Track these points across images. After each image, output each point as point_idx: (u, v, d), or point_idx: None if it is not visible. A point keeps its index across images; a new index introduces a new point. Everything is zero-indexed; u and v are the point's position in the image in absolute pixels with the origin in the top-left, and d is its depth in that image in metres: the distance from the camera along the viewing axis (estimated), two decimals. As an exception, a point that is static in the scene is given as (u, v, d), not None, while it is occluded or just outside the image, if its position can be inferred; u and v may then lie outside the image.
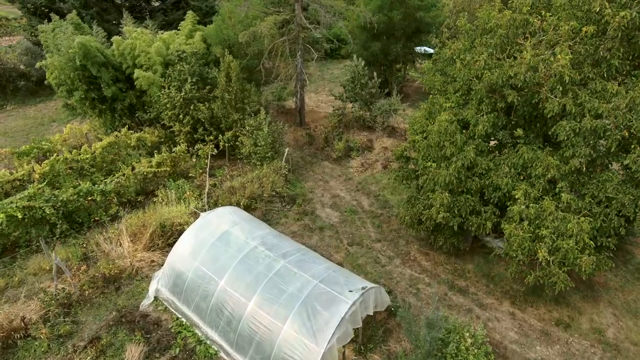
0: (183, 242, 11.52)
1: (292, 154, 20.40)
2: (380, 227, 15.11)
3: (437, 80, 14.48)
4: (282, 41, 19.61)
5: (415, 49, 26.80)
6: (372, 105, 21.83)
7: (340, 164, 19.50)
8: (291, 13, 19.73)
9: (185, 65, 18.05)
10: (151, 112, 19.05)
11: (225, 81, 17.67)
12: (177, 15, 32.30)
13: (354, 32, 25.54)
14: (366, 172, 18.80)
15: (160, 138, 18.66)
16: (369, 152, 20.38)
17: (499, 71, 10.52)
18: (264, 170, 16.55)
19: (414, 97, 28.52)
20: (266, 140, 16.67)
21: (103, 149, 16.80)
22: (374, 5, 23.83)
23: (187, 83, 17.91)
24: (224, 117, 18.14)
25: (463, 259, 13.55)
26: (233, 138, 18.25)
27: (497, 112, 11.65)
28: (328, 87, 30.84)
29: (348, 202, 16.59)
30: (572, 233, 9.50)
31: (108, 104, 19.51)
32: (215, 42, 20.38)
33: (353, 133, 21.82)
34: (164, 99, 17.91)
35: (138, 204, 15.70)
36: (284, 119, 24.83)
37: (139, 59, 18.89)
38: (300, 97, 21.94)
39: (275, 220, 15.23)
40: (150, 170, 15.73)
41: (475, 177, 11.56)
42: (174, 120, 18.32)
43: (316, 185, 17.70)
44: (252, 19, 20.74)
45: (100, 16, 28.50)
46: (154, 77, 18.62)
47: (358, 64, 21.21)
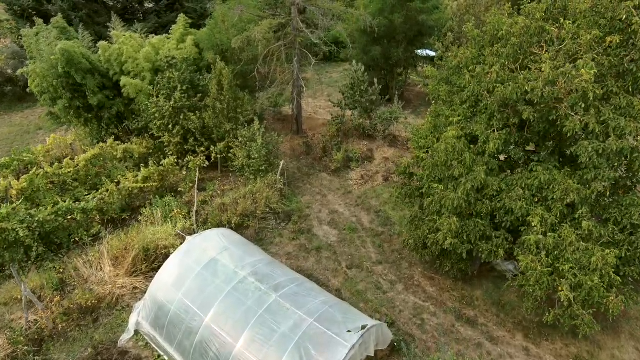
0: (166, 270, 10.53)
1: (288, 165, 19.42)
2: (382, 247, 14.13)
3: (443, 89, 13.50)
4: (278, 46, 18.61)
5: (417, 52, 25.82)
6: (373, 113, 20.85)
7: (339, 176, 18.51)
8: (287, 17, 18.74)
9: (174, 72, 17.04)
10: (139, 121, 18.04)
11: (217, 89, 16.67)
12: (171, 17, 31.24)
13: (353, 35, 24.55)
14: (366, 184, 17.81)
15: (148, 149, 17.66)
16: (369, 162, 19.39)
17: (513, 85, 9.53)
18: (258, 184, 15.55)
19: (416, 103, 27.54)
20: (260, 153, 15.68)
21: (87, 162, 15.81)
22: (374, 8, 22.85)
23: (177, 91, 16.91)
24: (215, 128, 17.14)
25: (471, 283, 12.57)
26: (225, 149, 17.26)
27: (509, 128, 10.66)
28: (327, 91, 29.85)
29: (347, 218, 15.60)
30: (596, 267, 8.52)
31: (94, 112, 18.50)
32: (207, 47, 19.38)
33: (352, 142, 20.83)
34: (152, 108, 16.91)
35: (122, 222, 14.70)
36: (281, 127, 23.87)
37: (126, 65, 17.89)
38: (297, 105, 20.94)
39: (269, 240, 14.24)
40: (136, 186, 14.73)
41: (485, 200, 10.57)
42: (163, 130, 17.32)
43: (313, 200, 16.70)
44: (247, 23, 19.75)
45: (90, 18, 27.50)
46: (142, 85, 17.61)
47: (358, 69, 20.22)
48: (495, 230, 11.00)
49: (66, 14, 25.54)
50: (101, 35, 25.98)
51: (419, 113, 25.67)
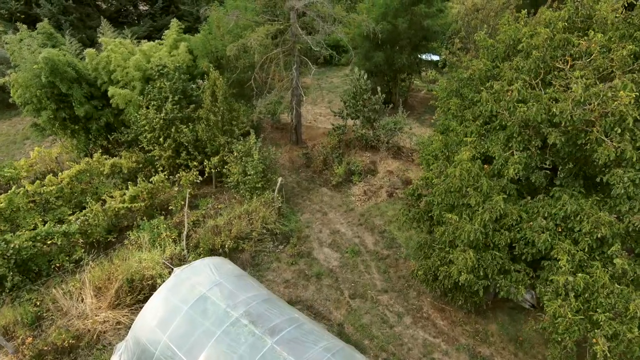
0: (151, 309, 9.50)
1: (287, 178, 18.41)
2: (387, 272, 13.11)
3: (453, 103, 12.51)
4: (276, 53, 17.58)
5: (420, 56, 24.77)
6: (376, 123, 19.82)
7: (340, 191, 17.49)
8: (286, 22, 17.71)
9: (166, 82, 16.01)
10: (129, 133, 17.01)
11: (210, 100, 15.64)
12: (166, 20, 30.19)
13: (355, 40, 23.56)
14: (369, 201, 16.79)
15: (138, 163, 16.62)
16: (372, 176, 18.37)
17: (538, 106, 8.51)
18: (254, 203, 14.53)
19: (420, 110, 26.53)
20: (256, 169, 14.66)
21: (71, 179, 14.79)
22: (376, 13, 21.83)
23: (168, 102, 15.89)
24: (209, 141, 16.12)
25: (485, 316, 11.56)
26: (220, 163, 16.24)
27: (529, 151, 9.64)
28: (327, 97, 28.84)
29: (349, 239, 14.58)
30: (635, 314, 7.51)
31: (81, 123, 17.48)
32: (201, 54, 18.35)
33: (354, 154, 19.80)
34: (141, 120, 15.89)
35: (108, 245, 13.67)
36: (279, 136, 22.86)
37: (115, 74, 16.87)
38: (296, 114, 19.93)
39: (266, 265, 13.22)
40: (123, 207, 13.70)
41: (503, 230, 9.56)
42: (154, 143, 16.30)
43: (313, 218, 15.68)
44: (243, 29, 18.73)
45: (82, 22, 26.48)
46: (131, 95, 16.59)
47: (360, 77, 19.20)
48: (513, 261, 10.01)
49: (56, 18, 24.55)
50: (93, 39, 25.00)
51: (423, 121, 24.66)
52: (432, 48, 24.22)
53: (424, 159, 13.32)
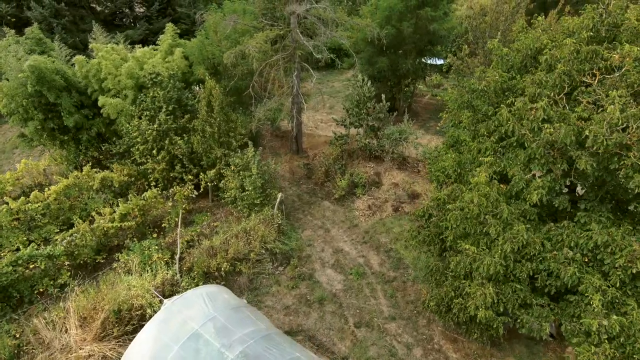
0: (138, 348, 8.67)
1: (287, 191, 17.56)
2: (394, 297, 12.27)
3: (465, 116, 11.70)
4: (276, 60, 16.72)
5: (423, 59, 23.90)
6: (380, 132, 18.97)
7: (343, 205, 16.64)
8: (286, 27, 16.86)
9: (159, 91, 15.16)
10: (120, 144, 16.16)
11: (206, 111, 14.79)
12: (163, 23, 29.28)
13: (357, 44, 22.70)
14: (374, 216, 15.94)
15: (130, 177, 15.77)
16: (377, 188, 17.52)
17: (566, 128, 7.66)
18: (252, 221, 13.68)
19: (424, 116, 25.68)
20: (255, 185, 13.81)
21: (58, 195, 13.94)
22: (380, 16, 20.96)
23: (162, 112, 15.04)
24: (205, 154, 15.27)
25: (501, 347, 10.71)
26: (217, 177, 15.39)
27: (553, 173, 8.80)
28: (328, 102, 27.99)
29: (353, 259, 13.74)
30: (679, 364, 6.68)
31: (71, 134, 16.63)
32: (197, 61, 17.50)
33: (357, 164, 18.94)
34: (133, 132, 15.04)
35: (96, 267, 12.84)
36: (279, 144, 22.01)
37: (106, 82, 16.01)
38: (297, 123, 19.08)
39: (265, 289, 12.38)
40: (112, 226, 12.85)
41: (525, 261, 8.72)
42: (147, 155, 15.46)
43: (315, 235, 14.83)
44: (241, 34, 17.89)
45: (75, 25, 25.61)
46: (123, 105, 15.74)
47: (364, 84, 18.34)
48: (534, 292, 9.18)
49: (47, 22, 23.69)
50: (86, 43, 23.96)
51: (428, 128, 23.81)
52: (435, 52, 23.41)
53: (434, 176, 12.51)
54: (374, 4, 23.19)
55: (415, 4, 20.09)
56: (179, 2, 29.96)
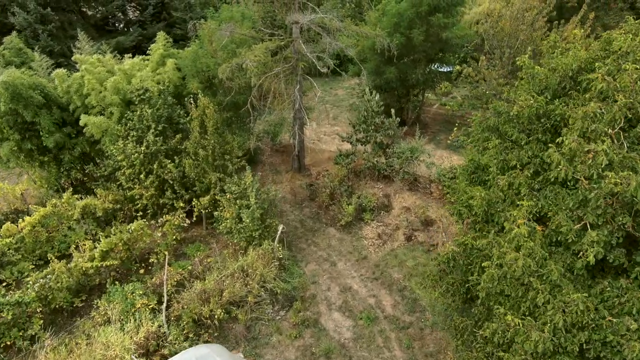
0: None
1: (289, 215, 16.11)
2: (411, 347, 10.81)
3: (494, 146, 10.27)
4: (276, 73, 15.25)
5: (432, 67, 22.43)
6: (389, 149, 17.50)
7: (350, 233, 15.18)
8: (288, 37, 15.39)
9: (147, 108, 13.69)
10: (105, 166, 14.71)
11: (199, 132, 13.32)
12: (157, 28, 27.86)
13: (363, 52, 21.21)
14: (385, 246, 14.48)
15: (116, 203, 14.31)
16: (386, 212, 16.05)
17: (637, 179, 6.19)
18: (250, 257, 12.22)
19: (434, 127, 24.22)
20: (253, 216, 12.34)
21: (34, 227, 12.49)
22: (388, 23, 19.48)
23: (150, 133, 13.57)
24: (197, 179, 13.81)
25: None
26: (211, 204, 13.94)
27: (610, 225, 7.33)
28: (332, 112, 26.55)
29: (363, 299, 12.28)
30: None
31: (52, 154, 15.18)
32: (191, 74, 16.02)
33: (365, 185, 17.48)
34: (118, 155, 13.58)
35: (74, 311, 11.38)
36: (279, 160, 20.55)
37: (89, 98, 14.55)
38: (299, 140, 17.60)
39: (264, 340, 10.91)
40: (92, 266, 11.39)
41: (577, 331, 7.26)
42: (134, 179, 14.01)
43: (320, 270, 13.37)
44: (238, 45, 16.43)
45: (63, 31, 24.12)
46: (108, 123, 14.28)
47: (372, 98, 16.87)
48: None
49: (32, 28, 22.22)
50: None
51: (439, 142, 22.35)
52: (446, 60, 21.97)
53: (455, 209, 11.10)
54: (381, 9, 21.75)
55: (426, 10, 18.62)
56: (174, 6, 28.48)
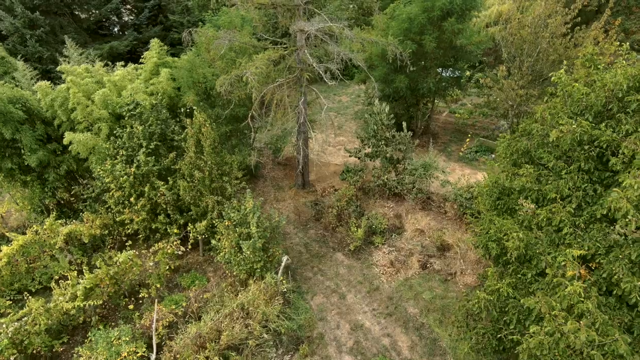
0: None
1: (293, 238, 14.90)
2: (432, 400, 9.58)
3: (527, 174, 9.14)
4: (279, 85, 14.02)
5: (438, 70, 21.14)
6: (400, 164, 16.28)
7: (359, 259, 13.95)
8: (291, 46, 14.17)
9: (138, 125, 12.47)
10: (93, 187, 13.49)
11: (194, 152, 12.09)
12: (153, 32, 26.74)
13: (371, 59, 20.00)
14: (398, 274, 13.25)
15: (104, 228, 13.08)
16: (398, 235, 14.82)
17: None
18: (251, 293, 10.99)
19: (444, 137, 22.98)
20: (255, 247, 11.11)
21: (11, 258, 11.26)
22: (397, 29, 18.25)
23: (141, 153, 12.34)
24: (193, 203, 12.59)
25: None
26: (209, 229, 12.73)
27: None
28: (337, 120, 25.30)
29: (376, 339, 11.05)
30: None
31: (35, 173, 13.96)
32: (187, 85, 14.80)
33: (374, 203, 16.26)
34: (105, 178, 12.36)
35: (55, 357, 10.15)
36: (282, 174, 19.34)
37: (75, 113, 13.33)
38: (303, 155, 16.37)
39: (267, 391, 9.70)
40: (74, 306, 10.15)
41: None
42: (123, 202, 12.78)
43: (328, 304, 12.15)
44: (239, 52, 15.23)
45: (53, 36, 22.86)
46: (95, 141, 13.05)
47: (381, 110, 15.64)
48: None
49: (20, 33, 20.98)
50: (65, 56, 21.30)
51: (450, 153, 21.11)
52: (458, 67, 20.75)
53: (482, 243, 9.94)
54: (389, 13, 20.53)
55: (438, 15, 17.40)
56: (171, 9, 27.24)
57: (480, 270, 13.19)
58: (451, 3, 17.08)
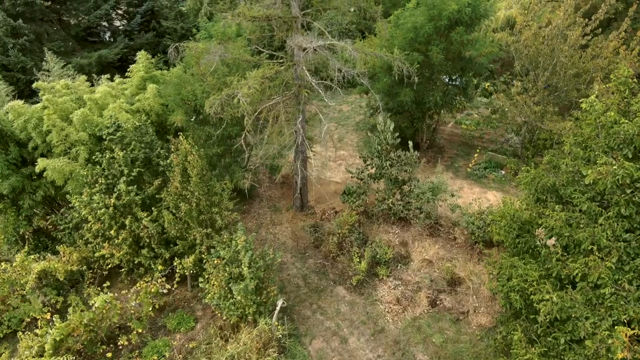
0: None
1: (289, 267, 13.75)
2: None
3: (557, 218, 8.09)
4: (274, 104, 12.86)
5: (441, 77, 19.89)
6: (407, 184, 15.11)
7: (362, 294, 12.78)
8: (288, 61, 13.00)
9: (119, 151, 11.29)
10: (72, 217, 12.32)
11: (180, 182, 10.92)
12: (146, 39, 25.57)
13: (374, 69, 18.81)
14: (405, 313, 12.08)
15: (82, 263, 11.92)
16: (405, 266, 13.66)
17: None
18: (242, 343, 9.82)
19: (450, 151, 21.77)
20: (246, 290, 9.93)
21: (-26, 302, 10.11)
22: (402, 38, 17.07)
23: (122, 181, 11.17)
24: (179, 236, 11.43)
25: None
26: (197, 263, 11.57)
27: None
28: (337, 132, 24.12)
29: (383, 393, 9.90)
30: None
31: (9, 200, 12.80)
32: (175, 104, 13.62)
33: (378, 228, 15.09)
34: (81, 210, 11.20)
35: (17, 422, 9.00)
36: (279, 193, 18.16)
37: (50, 135, 12.16)
38: (301, 176, 15.19)
39: None
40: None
41: None
42: (103, 235, 11.62)
43: (328, 349, 10.98)
44: (232, 67, 14.08)
45: (38, 44, 21.66)
46: (72, 167, 11.88)
47: (386, 129, 14.47)
48: None
49: (2, 42, 19.82)
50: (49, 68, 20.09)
51: (457, 169, 19.92)
52: (467, 78, 19.56)
53: (503, 293, 8.87)
54: (393, 21, 19.34)
55: (446, 24, 16.21)
56: (165, 14, 26.07)
57: (496, 307, 12.05)
58: (459, 12, 15.90)
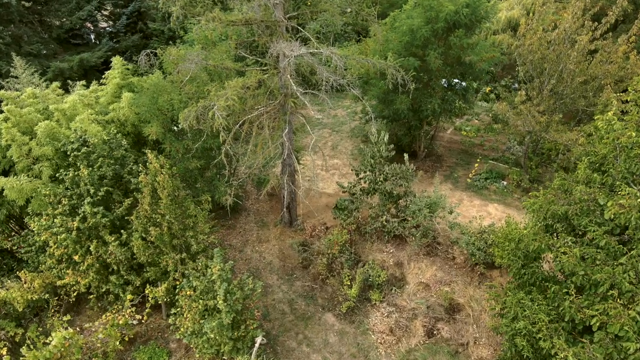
0: None
1: (276, 293, 12.72)
2: None
3: (570, 256, 7.13)
4: (257, 115, 11.82)
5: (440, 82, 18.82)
6: (402, 199, 14.10)
7: (352, 321, 11.76)
8: (272, 69, 11.96)
9: (84, 169, 10.24)
10: (33, 240, 11.27)
11: (149, 204, 9.87)
12: (132, 41, 24.52)
13: (368, 75, 17.80)
14: (399, 343, 11.07)
15: (45, 290, 10.87)
16: (399, 289, 12.64)
17: None
18: (216, 386, 8.80)
19: (449, 160, 20.74)
20: (221, 326, 8.90)
21: None
22: (398, 42, 16.07)
23: (86, 202, 10.12)
24: (151, 262, 10.40)
25: None
26: (170, 291, 10.54)
27: None
28: (330, 140, 23.07)
29: None
30: None
31: (-32, 220, 11.77)
32: (150, 115, 12.56)
33: (371, 247, 14.06)
34: (41, 234, 10.15)
35: None
36: (267, 207, 17.12)
37: (10, 151, 11.12)
38: (288, 191, 14.17)
39: None
40: (-17, 413, 7.97)
41: None
42: (67, 261, 10.58)
43: (314, 388, 9.97)
44: (213, 74, 13.04)
45: (17, 47, 20.60)
46: (33, 186, 10.83)
47: (380, 141, 13.44)
48: None
49: (-25, 46, 18.77)
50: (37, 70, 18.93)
51: (456, 179, 18.89)
52: (467, 83, 18.54)
53: (508, 334, 7.89)
54: (389, 23, 18.31)
55: (443, 27, 15.20)
56: (152, 16, 25.00)
57: (498, 339, 11.04)
58: (457, 13, 14.89)
